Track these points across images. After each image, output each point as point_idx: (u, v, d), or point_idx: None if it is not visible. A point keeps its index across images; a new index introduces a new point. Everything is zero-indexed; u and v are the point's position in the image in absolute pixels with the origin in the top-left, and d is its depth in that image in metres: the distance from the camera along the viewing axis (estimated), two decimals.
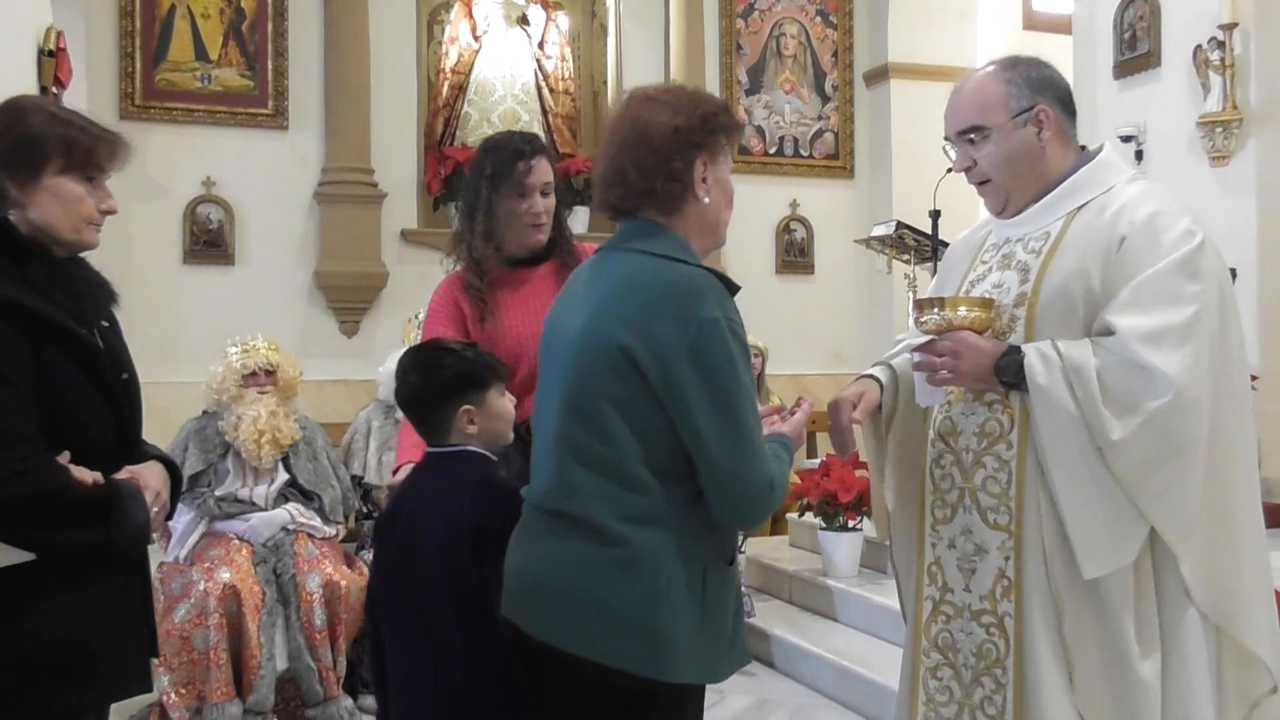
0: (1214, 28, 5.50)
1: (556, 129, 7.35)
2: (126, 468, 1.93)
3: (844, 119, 7.92)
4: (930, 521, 2.25)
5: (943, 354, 2.10)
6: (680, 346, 1.77)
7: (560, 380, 1.88)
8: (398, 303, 6.62)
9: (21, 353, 1.81)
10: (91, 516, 1.82)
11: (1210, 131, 5.54)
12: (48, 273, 1.90)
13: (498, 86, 7.24)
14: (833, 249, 7.76)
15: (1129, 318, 1.98)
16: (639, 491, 1.80)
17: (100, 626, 1.89)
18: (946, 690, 2.21)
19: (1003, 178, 2.18)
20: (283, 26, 6.69)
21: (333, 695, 4.03)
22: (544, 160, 2.76)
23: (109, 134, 1.98)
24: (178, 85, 6.52)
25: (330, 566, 4.14)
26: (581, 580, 1.81)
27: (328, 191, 6.56)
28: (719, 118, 1.93)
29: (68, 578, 1.84)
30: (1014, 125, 2.14)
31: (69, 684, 1.85)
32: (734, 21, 7.69)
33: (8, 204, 1.91)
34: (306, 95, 6.71)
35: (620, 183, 1.92)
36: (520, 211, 2.74)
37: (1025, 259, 2.16)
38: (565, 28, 7.53)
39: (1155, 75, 5.92)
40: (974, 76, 2.22)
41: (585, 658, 1.79)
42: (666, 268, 1.85)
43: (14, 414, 1.77)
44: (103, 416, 1.93)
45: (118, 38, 6.40)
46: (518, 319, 2.77)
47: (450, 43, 7.29)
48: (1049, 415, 2.02)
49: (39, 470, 1.77)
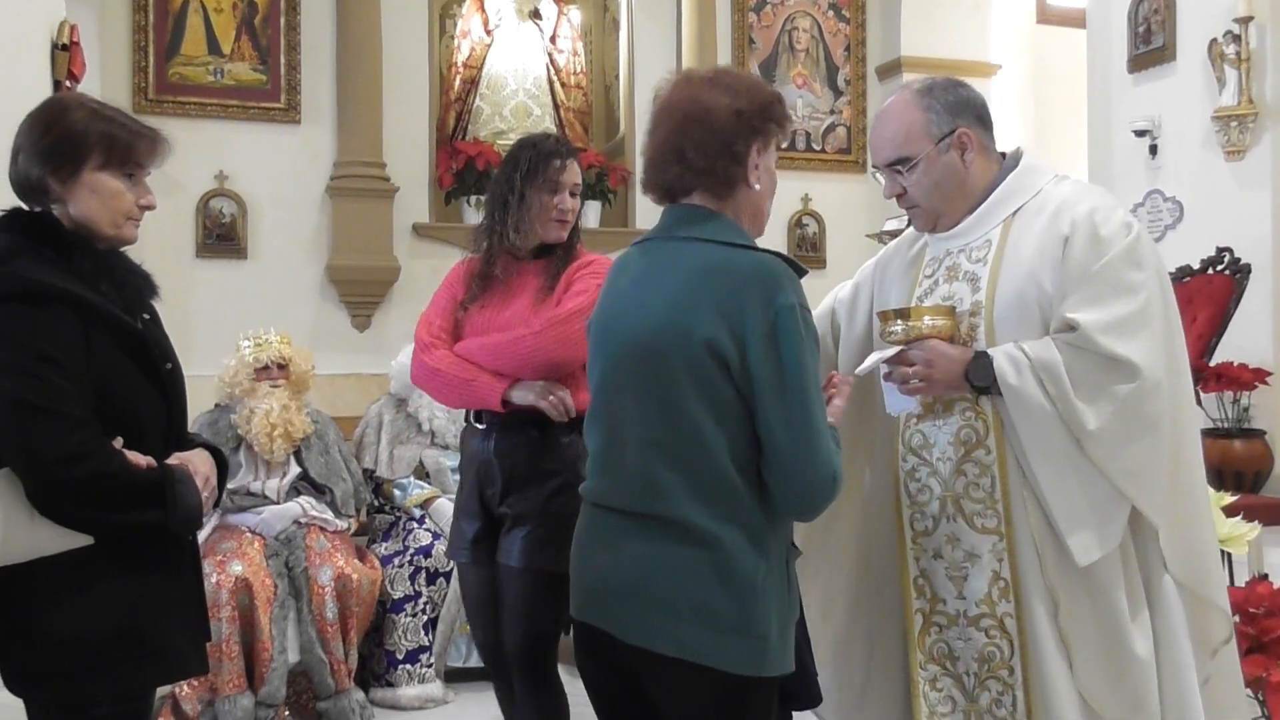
0: (1229, 21, 5.47)
1: (568, 123, 7.34)
2: (175, 454, 1.97)
3: (856, 113, 7.90)
4: (910, 535, 2.27)
5: (914, 363, 2.14)
6: (759, 331, 1.77)
7: (635, 379, 1.86)
8: (409, 297, 6.62)
9: (76, 340, 1.84)
10: (147, 499, 1.85)
11: (1225, 126, 5.51)
12: (93, 264, 1.94)
13: (509, 81, 7.23)
14: (845, 243, 7.73)
15: (1087, 312, 2.07)
16: (727, 489, 1.79)
17: (157, 608, 1.93)
18: (949, 700, 2.22)
19: (932, 202, 2.26)
20: (295, 21, 6.69)
21: (344, 688, 4.05)
22: (576, 163, 2.89)
23: (148, 130, 2.02)
24: (190, 79, 6.53)
25: (342, 560, 4.15)
26: (679, 584, 1.79)
27: (340, 185, 6.56)
28: (776, 107, 1.94)
29: (125, 561, 1.88)
30: (937, 152, 2.20)
31: (129, 665, 1.89)
32: (746, 15, 7.67)
33: (49, 199, 1.95)
34: (319, 89, 6.71)
35: (678, 161, 1.90)
36: (550, 205, 2.84)
37: (971, 269, 2.23)
38: (577, 22, 7.52)
39: (1170, 69, 5.89)
40: (893, 107, 2.27)
41: (685, 659, 1.78)
42: (741, 255, 1.84)
43: (71, 399, 1.81)
44: (151, 404, 1.97)
45: (131, 32, 6.41)
46: (492, 312, 2.86)
47: (462, 37, 7.28)
48: (1024, 415, 2.08)
49: (98, 453, 1.80)
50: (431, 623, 4.36)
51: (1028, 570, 2.12)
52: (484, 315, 2.87)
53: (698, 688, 1.80)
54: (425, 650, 4.33)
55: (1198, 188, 5.78)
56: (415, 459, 4.71)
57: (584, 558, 1.95)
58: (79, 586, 1.84)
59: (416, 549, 4.41)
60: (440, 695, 4.30)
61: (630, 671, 1.86)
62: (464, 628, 4.45)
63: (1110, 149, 6.33)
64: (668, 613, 1.79)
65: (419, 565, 4.37)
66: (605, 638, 1.86)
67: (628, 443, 1.86)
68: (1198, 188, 5.78)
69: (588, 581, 1.93)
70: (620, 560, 1.86)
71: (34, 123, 1.98)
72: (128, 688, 1.92)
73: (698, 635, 1.77)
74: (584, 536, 1.96)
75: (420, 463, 4.73)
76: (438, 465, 4.74)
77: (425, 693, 4.26)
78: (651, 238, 1.98)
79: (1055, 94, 8.23)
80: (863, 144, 7.91)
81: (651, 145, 1.96)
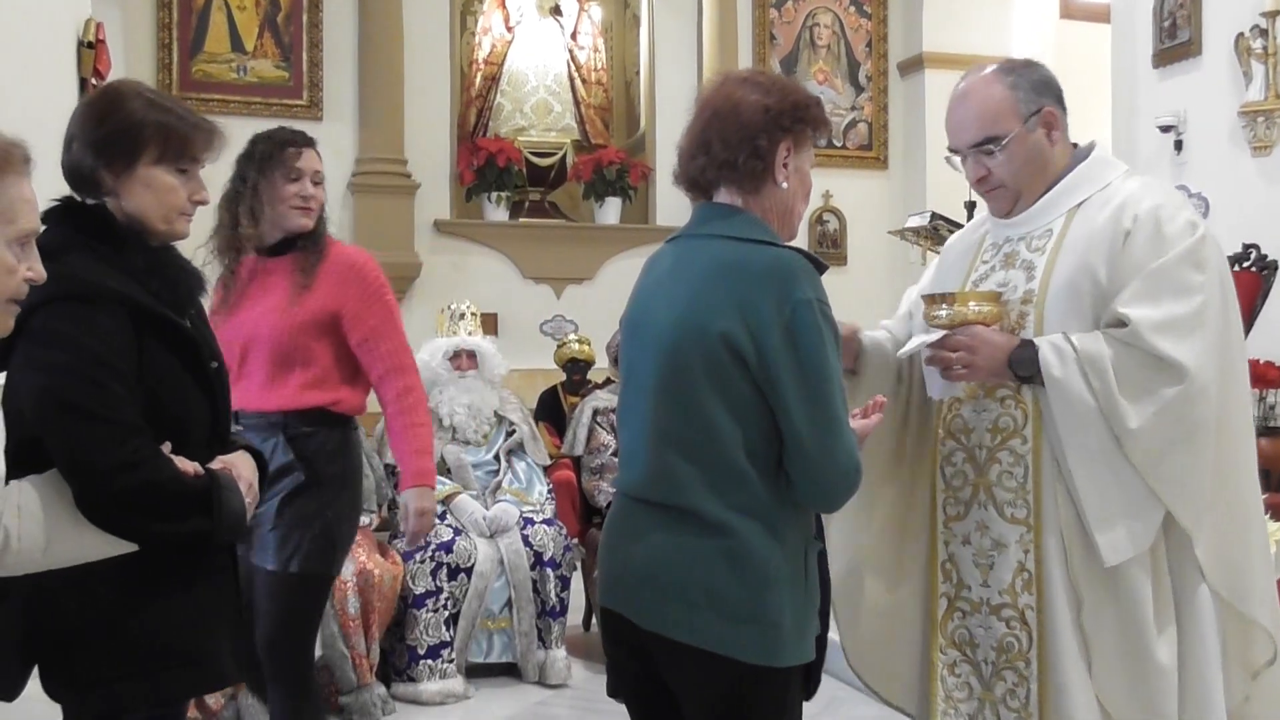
0: (1256, 15, 5.42)
1: (589, 119, 7.35)
2: (219, 457, 1.93)
3: (878, 109, 7.88)
4: (943, 518, 2.26)
5: (957, 349, 2.12)
6: (775, 327, 1.77)
7: (655, 372, 1.88)
8: (430, 292, 6.65)
9: (129, 344, 1.80)
10: (195, 507, 1.81)
11: (1252, 121, 5.46)
12: (145, 261, 1.89)
13: (530, 77, 7.24)
14: (866, 240, 7.72)
15: (1140, 309, 2.02)
16: (741, 481, 1.81)
17: (202, 616, 1.91)
18: (965, 686, 2.21)
19: (1018, 182, 2.21)
20: (318, 18, 6.73)
21: (366, 683, 4.06)
22: (314, 152, 2.86)
23: (206, 123, 1.95)
24: (214, 76, 6.57)
25: (364, 555, 4.17)
26: (692, 572, 1.81)
27: (361, 182, 6.59)
28: (810, 109, 1.95)
29: (171, 568, 1.85)
30: (1026, 130, 2.16)
31: (175, 672, 1.88)
32: (767, 11, 7.66)
33: (102, 192, 1.89)
34: (341, 86, 6.74)
35: (703, 153, 1.91)
36: (288, 195, 2.79)
37: (1029, 257, 2.19)
38: (598, 18, 7.53)
39: (1196, 64, 5.84)
40: (975, 87, 2.22)
41: (697, 647, 1.81)
42: (759, 251, 1.85)
43: (125, 406, 1.76)
44: (199, 406, 1.93)
45: (155, 29, 6.46)
46: (245, 313, 2.80)
47: (483, 33, 7.30)
48: (1065, 407, 2.05)
49: (149, 462, 1.76)
50: (453, 618, 4.38)
51: (1053, 564, 2.10)
52: (236, 318, 2.79)
53: (711, 675, 1.82)
54: (446, 645, 4.35)
55: (1223, 184, 5.73)
56: (437, 455, 4.72)
57: (611, 546, 1.98)
58: (127, 594, 1.83)
59: (438, 545, 4.42)
60: (461, 690, 4.31)
61: (651, 658, 1.90)
62: (485, 623, 4.47)
63: (1135, 145, 6.29)
64: (681, 600, 1.81)
65: (440, 561, 4.39)
66: (627, 624, 1.90)
67: (651, 436, 1.89)
68: (1223, 184, 5.73)
69: (612, 569, 1.96)
70: (640, 549, 1.89)
71: (89, 112, 1.92)
72: (166, 696, 1.90)
73: (710, 623, 1.80)
74: (612, 526, 2.00)
75: (442, 458, 4.74)
76: (459, 461, 4.75)
77: (446, 688, 4.28)
78: (680, 235, 2.00)
79: (1079, 89, 8.16)
80: (884, 140, 7.89)
81: (684, 139, 1.98)
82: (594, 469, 4.98)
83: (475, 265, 7.01)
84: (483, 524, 4.53)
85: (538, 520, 4.62)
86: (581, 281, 7.23)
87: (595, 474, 4.97)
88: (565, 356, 5.92)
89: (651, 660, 1.90)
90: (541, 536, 4.55)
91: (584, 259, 7.22)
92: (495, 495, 4.71)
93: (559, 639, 4.51)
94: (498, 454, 4.83)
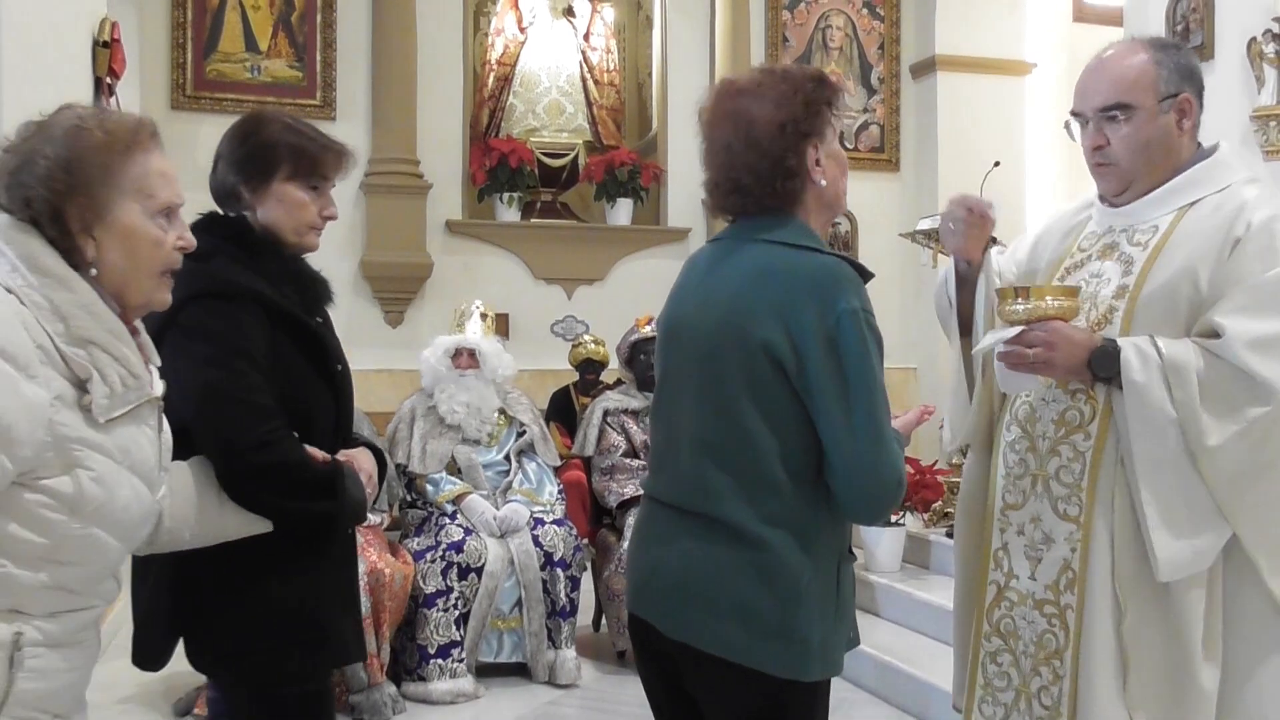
0: (1269, 20, 5.40)
1: (601, 121, 7.36)
2: (342, 451, 2.07)
3: (890, 112, 7.86)
4: (1000, 506, 2.21)
5: (1034, 345, 2.02)
6: (819, 336, 1.74)
7: (695, 378, 1.85)
8: (442, 293, 6.67)
9: (264, 338, 1.97)
10: (322, 491, 1.95)
11: (1264, 125, 5.44)
12: (278, 267, 2.07)
13: (543, 78, 7.25)
14: (878, 243, 7.70)
15: (1238, 321, 1.91)
16: (776, 493, 1.77)
17: (326, 596, 2.05)
18: (1005, 676, 2.18)
19: (1134, 162, 2.10)
20: (331, 18, 6.74)
21: (377, 682, 4.08)
22: None
23: (336, 145, 2.14)
24: (228, 76, 6.59)
25: (375, 554, 4.18)
26: (722, 583, 1.78)
27: (374, 182, 6.60)
28: (818, 95, 1.87)
29: (299, 550, 1.99)
30: (1159, 109, 2.06)
31: (302, 649, 2.01)
32: (780, 14, 7.65)
33: (241, 205, 2.08)
34: (354, 86, 6.76)
35: (737, 190, 1.87)
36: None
37: (1130, 251, 2.10)
38: (610, 20, 7.53)
39: (1208, 68, 5.82)
40: (1119, 53, 2.12)
41: (723, 658, 1.78)
42: (803, 258, 1.81)
43: (261, 392, 1.92)
44: (323, 402, 2.08)
45: (170, 29, 6.48)
46: None
47: (496, 34, 7.31)
48: (1142, 413, 1.95)
49: (283, 443, 1.92)
50: (463, 618, 4.39)
51: (1097, 567, 2.02)
52: None
53: (736, 687, 1.79)
54: (457, 645, 4.36)
55: None
56: (447, 454, 4.74)
57: (638, 551, 1.96)
58: (259, 574, 1.95)
59: (449, 544, 4.43)
60: (471, 690, 4.32)
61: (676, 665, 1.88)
62: (495, 623, 4.48)
63: None
64: (709, 610, 1.78)
65: (451, 560, 4.40)
66: (653, 631, 1.87)
67: (684, 441, 1.86)
68: None
69: (639, 574, 1.94)
70: (669, 555, 1.86)
71: (233, 134, 2.11)
72: (306, 671, 2.02)
73: (737, 635, 1.77)
74: (640, 530, 1.98)
75: (453, 458, 4.75)
76: (470, 461, 4.76)
77: (457, 687, 4.29)
78: (722, 237, 1.96)
79: None
80: (896, 142, 7.88)
81: (709, 171, 1.92)
82: (604, 469, 4.99)
83: (487, 266, 7.02)
84: (493, 524, 4.54)
85: (548, 520, 4.63)
86: (593, 282, 7.23)
87: (606, 474, 4.98)
88: (580, 357, 5.93)
89: (675, 667, 1.87)
90: (552, 537, 4.56)
91: (595, 260, 7.23)
92: (506, 495, 4.72)
93: (569, 639, 4.52)
94: (508, 454, 4.85)
